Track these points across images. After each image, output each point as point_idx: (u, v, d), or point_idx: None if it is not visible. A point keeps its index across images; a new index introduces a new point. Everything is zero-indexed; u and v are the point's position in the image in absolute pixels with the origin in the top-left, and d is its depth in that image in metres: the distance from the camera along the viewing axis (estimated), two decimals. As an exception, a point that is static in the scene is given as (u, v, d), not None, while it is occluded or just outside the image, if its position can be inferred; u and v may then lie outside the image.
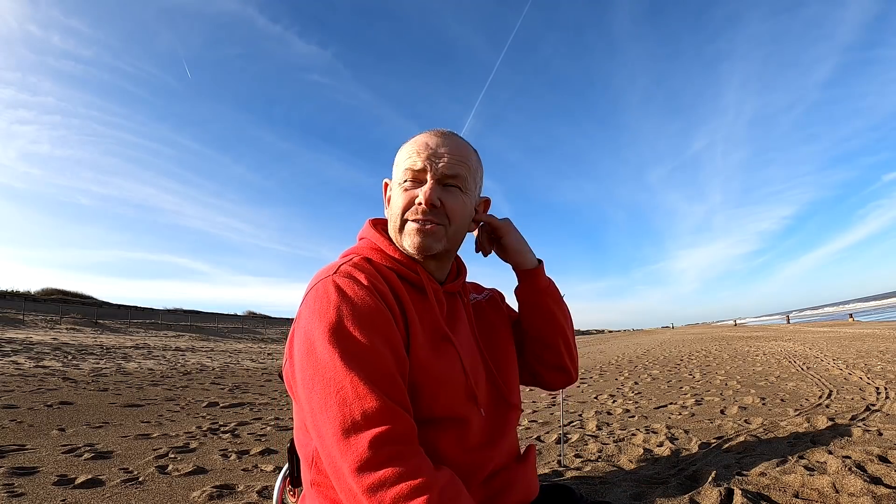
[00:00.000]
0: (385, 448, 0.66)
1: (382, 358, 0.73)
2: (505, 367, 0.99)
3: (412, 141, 0.91)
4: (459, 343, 0.89)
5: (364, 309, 0.75)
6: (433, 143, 0.88)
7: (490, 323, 1.03)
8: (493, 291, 1.14)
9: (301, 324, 0.78)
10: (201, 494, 2.27)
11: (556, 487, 1.00)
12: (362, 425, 0.67)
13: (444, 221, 0.88)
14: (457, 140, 0.91)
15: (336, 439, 0.67)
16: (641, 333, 52.91)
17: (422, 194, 0.86)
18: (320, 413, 0.69)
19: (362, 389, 0.68)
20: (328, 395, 0.69)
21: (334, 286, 0.78)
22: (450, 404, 0.84)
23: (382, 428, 0.67)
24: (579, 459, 2.76)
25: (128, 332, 22.57)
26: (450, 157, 0.88)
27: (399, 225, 0.89)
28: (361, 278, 0.79)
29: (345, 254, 0.94)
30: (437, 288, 0.92)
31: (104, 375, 7.34)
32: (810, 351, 9.51)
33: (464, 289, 1.02)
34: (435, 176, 0.87)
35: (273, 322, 44.97)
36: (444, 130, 0.92)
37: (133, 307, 39.58)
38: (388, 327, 0.76)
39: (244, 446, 3.29)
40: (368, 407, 0.67)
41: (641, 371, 8.08)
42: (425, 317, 0.86)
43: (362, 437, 0.66)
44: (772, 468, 2.30)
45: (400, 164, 0.91)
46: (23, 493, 2.23)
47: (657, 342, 20.90)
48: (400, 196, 0.89)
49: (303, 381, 0.74)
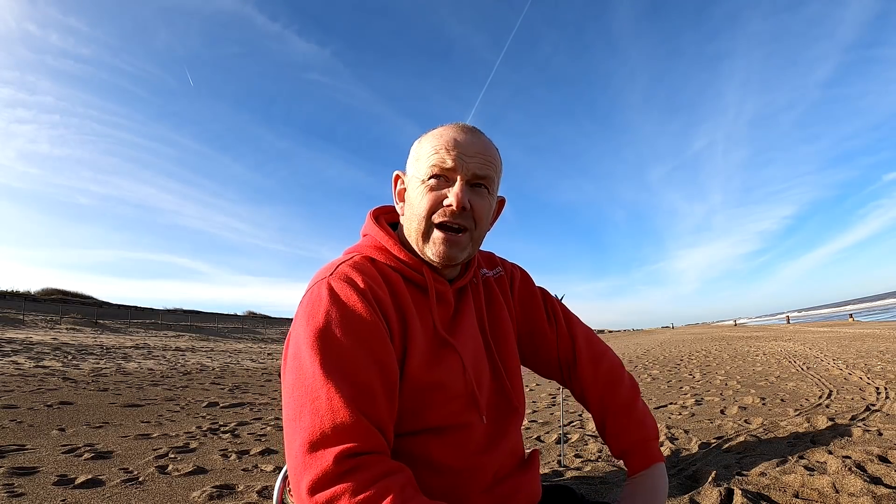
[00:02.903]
0: (346, 466, 0.63)
1: (365, 370, 0.70)
2: (510, 365, 0.94)
3: (436, 134, 0.85)
4: (463, 346, 0.85)
5: (354, 317, 0.72)
6: (463, 140, 0.82)
7: (497, 313, 0.97)
8: (509, 269, 1.06)
9: (294, 326, 0.77)
10: (201, 494, 2.27)
11: (556, 487, 0.99)
12: (330, 440, 0.64)
13: (471, 225, 0.83)
14: (485, 139, 0.86)
15: (302, 451, 0.65)
16: (641, 333, 52.90)
17: (452, 196, 0.80)
18: (293, 420, 0.68)
19: (337, 402, 0.66)
20: (304, 404, 0.67)
21: (328, 289, 0.75)
22: (449, 412, 0.81)
23: (350, 445, 0.64)
24: (579, 459, 2.76)
25: (128, 332, 22.57)
26: (481, 156, 0.83)
27: (424, 229, 0.83)
28: (359, 281, 0.76)
29: (347, 251, 0.91)
30: (444, 289, 0.88)
31: (104, 375, 7.34)
32: (810, 351, 9.51)
33: (475, 275, 0.97)
34: (465, 176, 0.81)
35: (273, 322, 44.96)
36: (470, 126, 0.86)
37: (133, 307, 39.59)
38: (377, 339, 0.73)
39: (244, 446, 3.29)
40: (340, 421, 0.65)
41: (641, 371, 8.08)
42: (427, 321, 0.83)
43: (327, 452, 0.63)
44: (772, 468, 2.30)
45: (423, 159, 0.83)
46: (23, 493, 2.23)
47: (657, 342, 20.89)
48: (424, 195, 0.82)
49: (284, 384, 0.72)
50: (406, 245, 0.88)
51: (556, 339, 1.02)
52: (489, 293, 0.99)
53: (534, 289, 1.06)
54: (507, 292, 1.02)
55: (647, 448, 0.93)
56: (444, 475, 0.80)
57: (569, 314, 1.06)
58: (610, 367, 1.00)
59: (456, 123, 0.87)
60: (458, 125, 0.86)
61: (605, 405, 0.96)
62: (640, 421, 0.95)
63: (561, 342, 1.02)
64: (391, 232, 0.89)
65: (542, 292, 1.07)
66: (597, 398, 0.97)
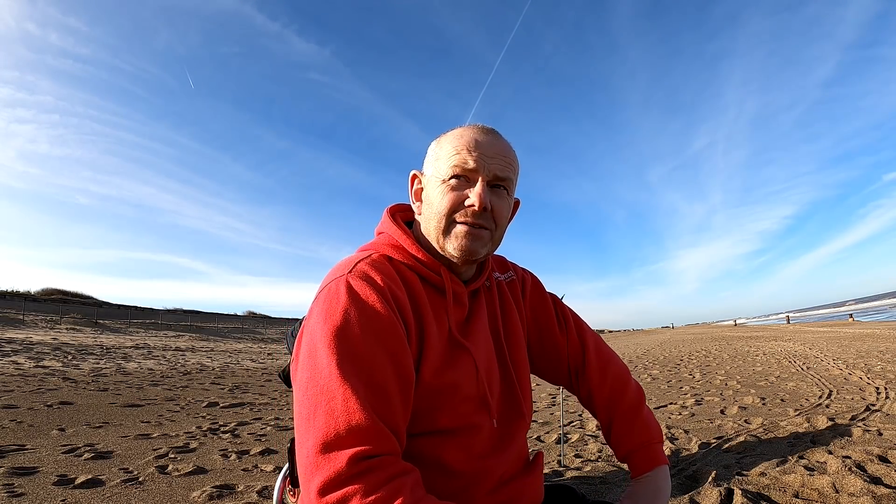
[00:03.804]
0: (359, 468, 0.62)
1: (382, 371, 0.69)
2: (520, 369, 0.95)
3: (457, 135, 0.85)
4: (476, 349, 0.85)
5: (373, 316, 0.72)
6: (484, 142, 0.83)
7: (509, 317, 0.97)
8: (521, 273, 1.06)
9: (309, 323, 0.75)
10: (201, 494, 2.27)
11: (557, 487, 0.99)
12: (344, 442, 0.63)
13: (492, 225, 0.83)
14: (504, 140, 0.87)
15: (315, 451, 0.64)
16: (641, 333, 52.92)
17: (474, 196, 0.80)
18: (307, 420, 0.67)
19: (353, 404, 0.65)
20: (318, 404, 0.66)
21: (346, 287, 0.74)
22: (460, 415, 0.81)
23: (364, 448, 0.63)
24: (579, 459, 2.76)
25: (128, 332, 22.57)
26: (501, 158, 0.83)
27: (444, 225, 0.83)
28: (378, 280, 0.76)
29: (363, 248, 0.89)
30: (460, 290, 0.87)
31: (104, 375, 7.34)
32: (810, 351, 9.51)
33: (489, 278, 0.96)
34: (487, 177, 0.82)
35: (273, 322, 44.96)
36: (490, 128, 0.87)
37: (133, 307, 39.58)
38: (395, 339, 0.72)
39: (244, 446, 3.30)
40: (355, 423, 0.64)
41: (641, 371, 8.08)
42: (443, 323, 0.83)
43: (341, 454, 0.63)
44: (772, 468, 2.31)
45: (444, 159, 0.84)
46: (23, 493, 2.23)
47: (657, 342, 20.90)
48: (445, 195, 0.82)
49: (299, 381, 0.71)
50: (423, 244, 0.88)
51: (567, 345, 1.02)
52: (502, 297, 0.99)
53: (545, 294, 1.07)
54: (518, 297, 1.02)
55: (652, 450, 0.94)
56: (453, 477, 0.80)
57: (578, 320, 1.07)
58: (617, 373, 1.01)
59: (476, 124, 0.87)
60: (479, 126, 0.87)
61: (612, 410, 0.97)
62: (645, 425, 0.96)
63: (571, 348, 1.02)
64: (408, 230, 0.88)
65: (552, 298, 1.07)
66: (604, 403, 0.98)
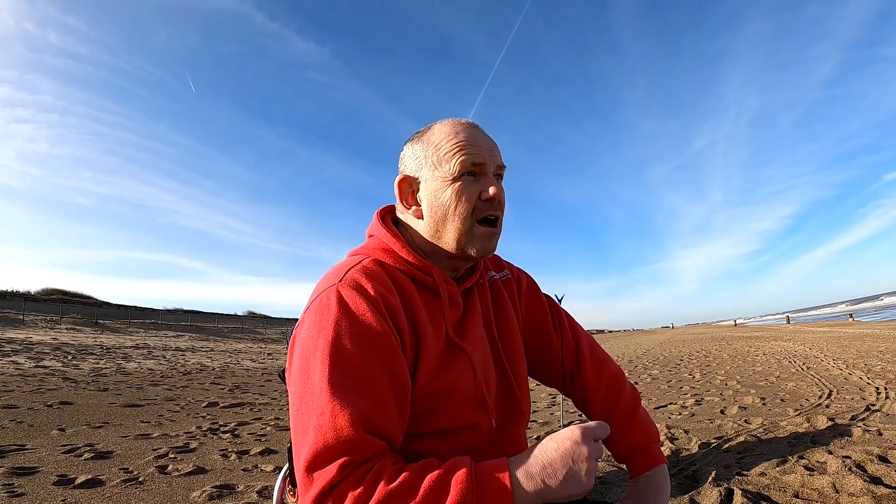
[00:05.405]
0: (348, 472, 0.63)
1: (376, 384, 0.69)
2: (517, 367, 0.94)
3: (448, 132, 0.85)
4: (472, 348, 0.85)
5: (365, 327, 0.71)
6: (478, 135, 0.86)
7: (504, 315, 0.96)
8: (516, 273, 1.06)
9: (301, 334, 0.74)
10: (201, 494, 2.27)
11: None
12: (335, 455, 0.63)
13: (502, 214, 0.87)
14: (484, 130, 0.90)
15: (306, 468, 0.64)
16: (641, 333, 52.90)
17: (492, 189, 0.83)
18: (300, 435, 0.67)
19: (342, 420, 0.64)
20: (309, 419, 0.66)
21: (337, 298, 0.73)
22: (458, 415, 0.81)
23: (352, 458, 0.63)
24: (579, 459, 2.76)
25: (128, 332, 22.57)
26: (496, 148, 0.87)
27: (468, 227, 0.83)
28: (369, 288, 0.75)
29: (353, 253, 0.88)
30: (454, 291, 0.87)
31: (104, 375, 7.34)
32: (810, 351, 9.51)
33: (482, 277, 0.97)
34: (493, 170, 0.85)
35: (273, 322, 44.97)
36: (469, 120, 0.89)
37: (133, 307, 39.57)
38: (388, 348, 0.72)
39: (244, 446, 3.30)
40: (344, 438, 0.64)
41: (641, 371, 8.08)
42: (439, 325, 0.82)
43: (327, 470, 0.62)
44: (772, 468, 2.31)
45: (448, 158, 0.83)
46: (23, 493, 2.23)
47: (657, 342, 20.90)
48: (461, 193, 0.82)
49: (292, 393, 0.71)
50: (413, 247, 0.87)
51: (561, 346, 1.02)
52: (496, 295, 0.98)
53: (540, 295, 1.06)
54: (514, 296, 1.01)
55: (650, 450, 0.94)
56: None
57: (573, 321, 1.06)
58: (613, 375, 1.00)
59: (458, 120, 0.87)
60: (462, 121, 0.87)
61: (608, 412, 0.97)
62: (643, 425, 0.96)
63: (566, 349, 1.02)
64: (398, 233, 0.87)
65: (547, 298, 1.07)
66: (599, 405, 0.98)
